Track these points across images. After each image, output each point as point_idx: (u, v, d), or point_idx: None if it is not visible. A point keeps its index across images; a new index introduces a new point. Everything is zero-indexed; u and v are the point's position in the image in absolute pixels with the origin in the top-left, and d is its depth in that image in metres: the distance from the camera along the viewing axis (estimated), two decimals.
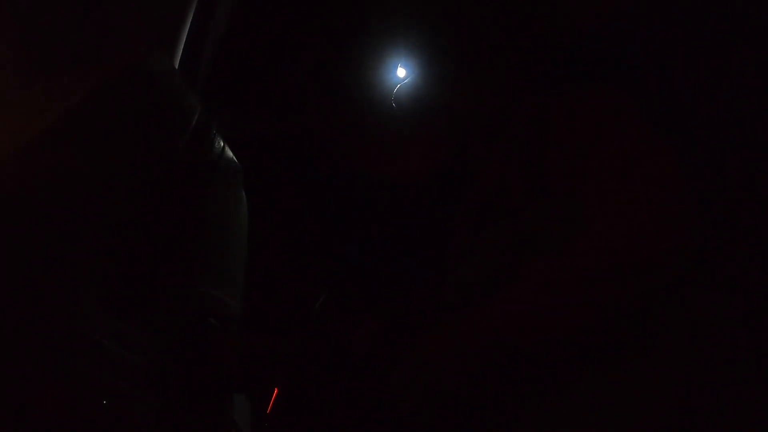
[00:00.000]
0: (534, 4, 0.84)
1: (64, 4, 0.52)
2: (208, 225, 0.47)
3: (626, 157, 0.68)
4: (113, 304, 0.39)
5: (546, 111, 0.78)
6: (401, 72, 0.83)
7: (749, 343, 0.61)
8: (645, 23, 0.90)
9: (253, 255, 0.55)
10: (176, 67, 0.53)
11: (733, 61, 0.84)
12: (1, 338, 0.33)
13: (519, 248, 0.71)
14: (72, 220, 0.38)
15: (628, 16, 0.89)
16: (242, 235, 0.53)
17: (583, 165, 0.71)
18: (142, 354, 0.41)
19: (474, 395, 0.68)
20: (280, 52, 0.87)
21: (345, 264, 0.93)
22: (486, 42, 0.81)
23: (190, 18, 0.59)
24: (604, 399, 0.66)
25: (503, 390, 0.68)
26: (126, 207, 0.42)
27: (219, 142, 0.51)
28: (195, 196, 0.46)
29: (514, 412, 0.67)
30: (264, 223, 0.61)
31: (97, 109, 0.43)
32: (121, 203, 0.41)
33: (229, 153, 0.52)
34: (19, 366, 0.33)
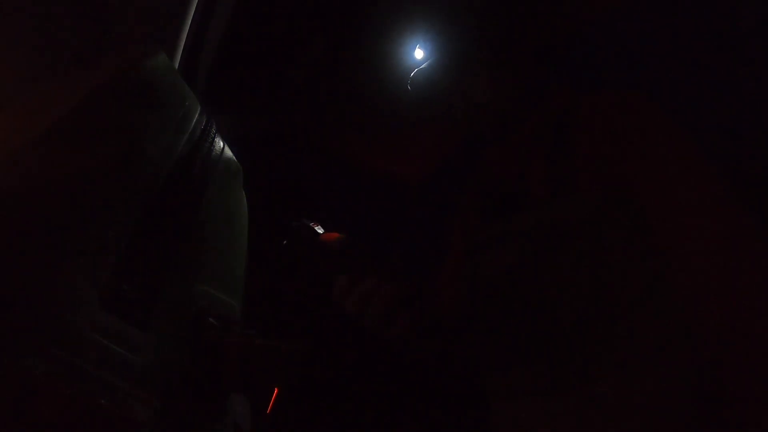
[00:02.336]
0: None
1: (64, 4, 0.52)
2: (208, 225, 0.47)
3: (677, 171, 0.69)
4: (113, 304, 0.39)
5: (573, 105, 0.77)
6: (419, 54, 0.80)
7: None
8: (657, 21, 0.89)
9: (253, 255, 0.54)
10: (176, 67, 0.53)
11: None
12: (0, 338, 0.33)
13: (542, 241, 0.71)
14: (72, 220, 0.38)
15: (643, 14, 0.89)
16: (242, 235, 0.53)
17: (625, 165, 0.71)
18: (142, 354, 0.41)
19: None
20: (281, 52, 0.87)
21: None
22: (508, 30, 0.80)
23: (190, 18, 0.59)
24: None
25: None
26: (126, 207, 0.42)
27: (219, 142, 0.51)
28: (195, 196, 0.46)
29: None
30: (264, 223, 0.61)
31: (96, 109, 0.43)
32: (121, 203, 0.41)
33: (229, 153, 0.52)
34: (19, 366, 0.33)
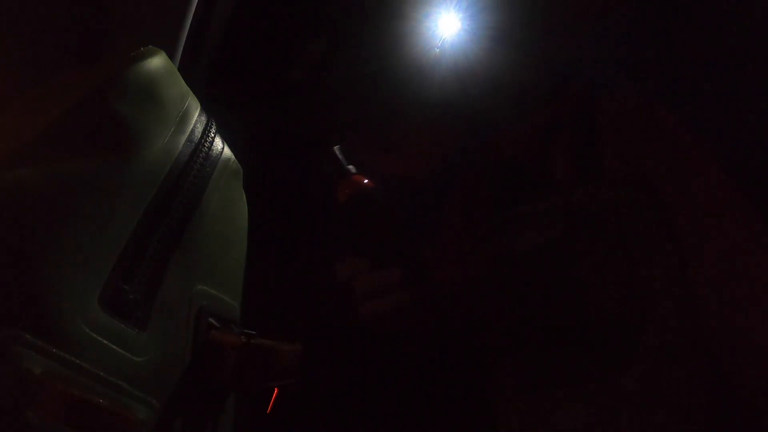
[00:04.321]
0: None
1: (64, 4, 0.52)
2: (208, 225, 0.47)
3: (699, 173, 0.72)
4: (113, 304, 0.39)
5: (594, 102, 0.79)
6: (449, 24, 0.80)
7: None
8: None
9: (253, 255, 0.54)
10: (176, 67, 0.53)
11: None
12: (0, 338, 0.33)
13: (573, 222, 0.73)
14: (71, 220, 0.38)
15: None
16: (242, 235, 0.53)
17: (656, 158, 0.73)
18: (142, 354, 0.41)
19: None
20: (282, 51, 0.87)
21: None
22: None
23: (190, 18, 0.59)
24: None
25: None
26: (125, 207, 0.42)
27: (219, 142, 0.51)
28: (194, 195, 0.46)
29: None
30: (264, 223, 0.61)
31: (96, 109, 0.43)
32: (120, 203, 0.41)
33: (229, 153, 0.52)
34: (19, 366, 0.33)
